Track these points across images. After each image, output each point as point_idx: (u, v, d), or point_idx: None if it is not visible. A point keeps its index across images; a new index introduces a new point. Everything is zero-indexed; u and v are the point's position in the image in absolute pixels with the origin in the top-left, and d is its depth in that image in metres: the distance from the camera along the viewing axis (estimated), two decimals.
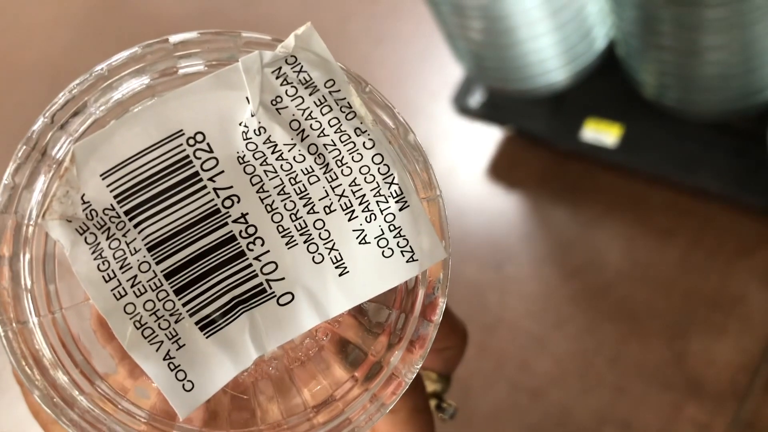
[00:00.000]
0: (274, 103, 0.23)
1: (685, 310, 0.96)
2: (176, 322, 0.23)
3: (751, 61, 0.85)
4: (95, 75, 0.23)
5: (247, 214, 0.23)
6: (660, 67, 0.91)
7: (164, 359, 0.23)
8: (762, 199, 0.94)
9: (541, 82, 1.00)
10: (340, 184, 0.24)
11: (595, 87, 1.03)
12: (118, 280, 0.22)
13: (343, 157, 0.24)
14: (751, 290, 0.94)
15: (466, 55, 1.02)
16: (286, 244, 0.24)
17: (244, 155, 0.23)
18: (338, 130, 0.24)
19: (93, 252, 0.22)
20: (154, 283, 0.23)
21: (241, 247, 0.23)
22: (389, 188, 0.24)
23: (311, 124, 0.23)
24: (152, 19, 1.48)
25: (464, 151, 1.15)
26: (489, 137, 1.14)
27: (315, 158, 0.23)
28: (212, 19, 1.42)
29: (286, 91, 0.23)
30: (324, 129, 0.23)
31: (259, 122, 0.23)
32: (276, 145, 0.23)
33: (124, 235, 0.23)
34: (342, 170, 0.24)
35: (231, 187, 0.23)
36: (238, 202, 0.23)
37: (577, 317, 0.99)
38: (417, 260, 0.24)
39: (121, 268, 0.23)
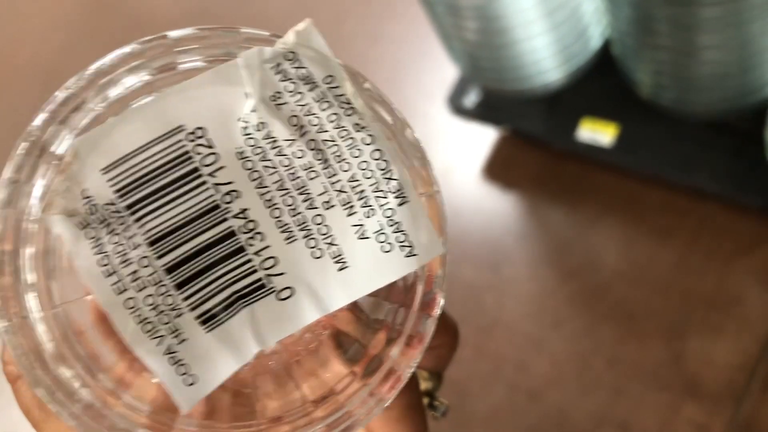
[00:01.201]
0: (273, 98, 0.23)
1: (683, 310, 0.96)
2: (177, 316, 0.23)
3: (748, 61, 0.85)
4: (94, 71, 0.23)
5: (247, 209, 0.23)
6: (656, 66, 0.91)
7: (165, 354, 0.23)
8: (759, 198, 0.94)
9: (536, 82, 1.00)
10: (340, 180, 0.24)
11: (591, 87, 1.03)
12: (119, 275, 0.23)
13: (342, 152, 0.24)
14: (749, 290, 0.95)
15: (461, 55, 1.02)
16: (286, 239, 0.24)
17: (244, 151, 0.23)
18: (337, 126, 0.24)
19: (94, 247, 0.22)
20: (155, 278, 0.23)
21: (241, 242, 0.23)
22: (388, 184, 0.24)
23: (311, 120, 0.24)
24: (146, 20, 1.48)
25: (460, 151, 1.15)
26: (484, 137, 1.14)
27: (314, 154, 0.24)
28: (206, 19, 1.42)
29: (286, 86, 0.24)
30: (323, 125, 0.24)
31: (259, 118, 0.23)
32: (276, 140, 0.23)
33: (125, 230, 0.23)
34: (341, 166, 0.24)
35: (231, 182, 0.23)
36: (238, 197, 0.23)
37: (574, 318, 0.99)
38: (416, 255, 0.24)
39: (122, 263, 0.23)
